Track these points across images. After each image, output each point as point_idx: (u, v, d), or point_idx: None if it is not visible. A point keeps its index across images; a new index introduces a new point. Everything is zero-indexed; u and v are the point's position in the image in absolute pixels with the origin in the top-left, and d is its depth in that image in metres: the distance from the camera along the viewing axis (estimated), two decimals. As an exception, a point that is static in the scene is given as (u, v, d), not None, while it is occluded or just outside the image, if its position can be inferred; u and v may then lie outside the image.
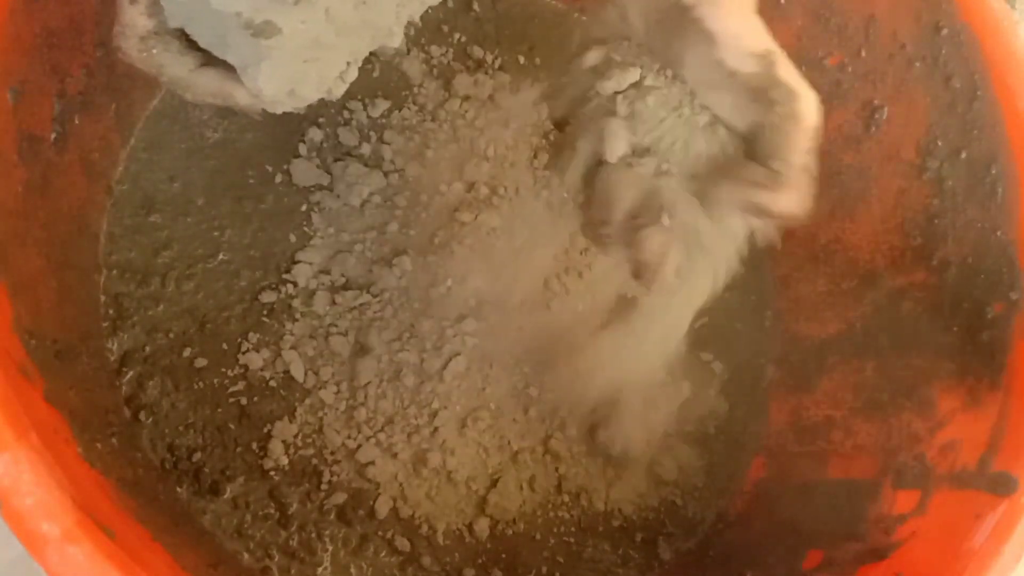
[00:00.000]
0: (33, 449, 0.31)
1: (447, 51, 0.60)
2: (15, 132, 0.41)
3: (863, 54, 0.53)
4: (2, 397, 0.32)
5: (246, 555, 0.47)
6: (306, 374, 0.50)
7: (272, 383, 0.50)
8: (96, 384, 0.46)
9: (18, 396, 0.33)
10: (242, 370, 0.50)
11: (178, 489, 0.47)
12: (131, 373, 0.48)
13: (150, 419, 0.48)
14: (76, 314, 0.47)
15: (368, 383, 0.50)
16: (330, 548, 0.48)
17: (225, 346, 0.50)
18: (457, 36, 0.60)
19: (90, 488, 0.36)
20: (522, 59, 0.61)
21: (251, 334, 0.51)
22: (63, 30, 0.43)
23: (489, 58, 0.60)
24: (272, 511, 0.48)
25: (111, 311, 0.49)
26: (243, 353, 0.50)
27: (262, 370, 0.50)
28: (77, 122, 0.46)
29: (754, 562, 0.49)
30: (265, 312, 0.51)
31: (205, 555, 0.45)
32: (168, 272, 0.51)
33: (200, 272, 0.51)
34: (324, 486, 0.49)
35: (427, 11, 0.58)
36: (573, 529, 0.52)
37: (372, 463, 0.49)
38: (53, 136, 0.44)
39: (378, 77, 0.57)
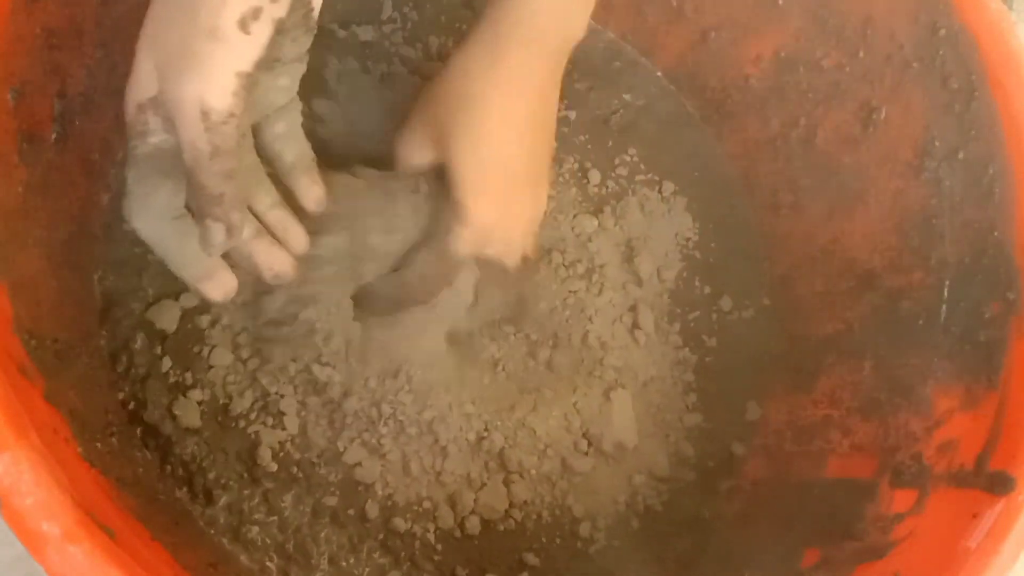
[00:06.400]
0: (33, 449, 0.31)
1: (446, 40, 0.60)
2: (15, 132, 0.41)
3: (861, 55, 0.53)
4: (2, 397, 0.32)
5: (244, 556, 0.47)
6: (286, 375, 0.49)
7: (254, 388, 0.49)
8: (96, 384, 0.46)
9: (18, 396, 0.33)
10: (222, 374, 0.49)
11: (177, 491, 0.47)
12: (130, 373, 0.48)
13: (150, 417, 0.48)
14: (76, 314, 0.47)
15: (351, 384, 0.50)
16: (325, 550, 0.48)
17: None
18: (457, 25, 0.60)
19: (90, 488, 0.36)
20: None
21: (241, 336, 0.50)
22: (63, 30, 0.43)
23: None
24: (267, 516, 0.48)
25: (110, 311, 0.49)
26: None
27: (237, 374, 0.49)
28: (77, 123, 0.46)
29: (752, 561, 0.50)
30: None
31: (205, 554, 0.45)
32: (167, 272, 0.50)
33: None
34: (315, 489, 0.48)
35: (424, 5, 0.60)
36: (567, 526, 0.52)
37: (359, 464, 0.49)
38: (53, 136, 0.44)
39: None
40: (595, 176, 0.60)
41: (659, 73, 0.64)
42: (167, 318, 0.49)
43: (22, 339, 0.37)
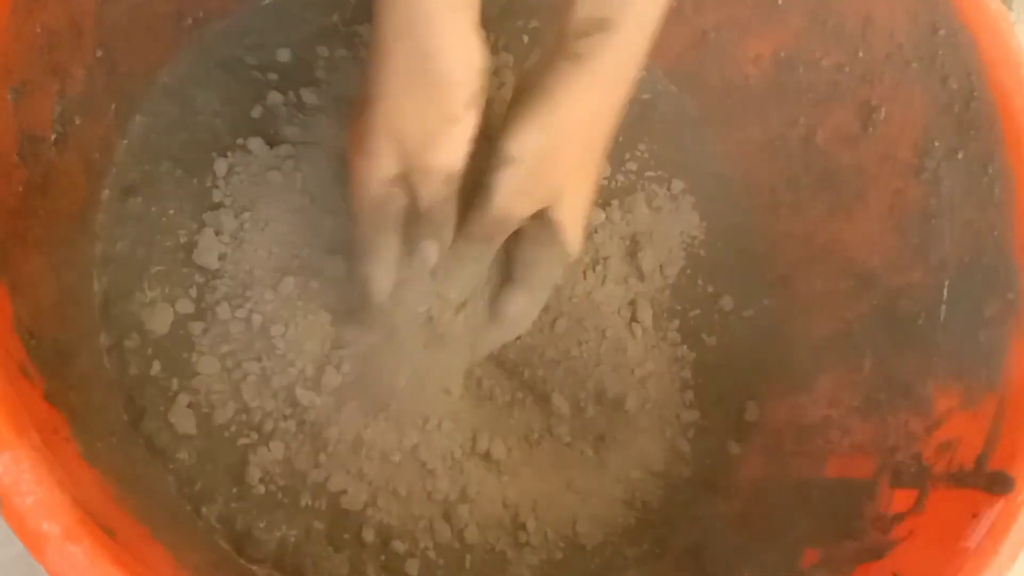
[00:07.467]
0: (34, 448, 0.32)
1: None
2: (15, 132, 0.41)
3: (860, 54, 0.53)
4: (3, 396, 0.32)
5: (243, 560, 0.47)
6: (269, 390, 0.49)
7: (235, 399, 0.48)
8: (96, 384, 0.46)
9: (19, 395, 0.33)
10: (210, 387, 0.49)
11: (174, 492, 0.47)
12: (126, 370, 0.48)
13: (143, 421, 0.48)
14: (76, 314, 0.47)
15: (325, 408, 0.49)
16: (325, 568, 0.47)
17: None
18: None
19: (90, 487, 0.36)
20: (526, 38, 0.61)
21: (230, 346, 0.49)
22: (63, 30, 0.44)
23: (492, 38, 0.60)
24: (264, 535, 0.47)
25: (109, 308, 0.49)
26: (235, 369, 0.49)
27: (221, 383, 0.49)
28: (77, 122, 0.46)
29: (752, 561, 0.50)
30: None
31: (205, 554, 0.45)
32: (169, 274, 0.50)
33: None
34: (301, 516, 0.48)
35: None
36: (564, 523, 0.52)
37: (344, 492, 0.48)
38: (53, 136, 0.44)
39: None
40: (604, 169, 0.60)
41: (659, 73, 0.64)
42: (158, 320, 0.49)
43: (22, 338, 0.37)
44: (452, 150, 0.42)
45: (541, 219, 0.45)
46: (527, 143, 0.42)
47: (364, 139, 0.43)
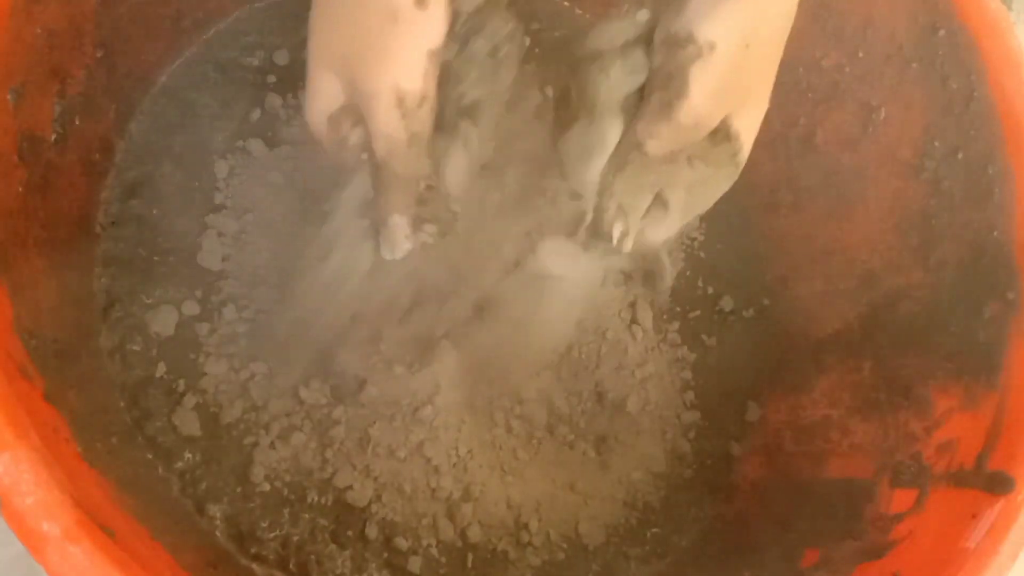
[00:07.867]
0: (33, 449, 0.32)
1: None
2: (15, 133, 0.41)
3: (860, 55, 0.53)
4: (3, 397, 0.32)
5: (252, 563, 0.47)
6: (277, 389, 0.49)
7: (244, 399, 0.49)
8: (96, 384, 0.46)
9: (18, 396, 0.33)
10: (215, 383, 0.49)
11: (175, 493, 0.47)
12: (130, 373, 0.48)
13: (148, 423, 0.48)
14: (76, 314, 0.47)
15: (334, 406, 0.49)
16: (328, 566, 0.47)
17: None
18: None
19: (90, 488, 0.36)
20: (527, 40, 0.61)
21: (236, 346, 0.49)
22: (63, 31, 0.44)
23: None
24: (267, 533, 0.47)
25: (111, 310, 0.49)
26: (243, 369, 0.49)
27: (229, 383, 0.49)
28: (77, 123, 0.46)
29: (752, 561, 0.50)
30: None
31: (205, 554, 0.45)
32: (173, 274, 0.50)
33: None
34: (307, 513, 0.48)
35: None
36: (567, 524, 0.52)
37: (350, 488, 0.48)
38: (53, 137, 0.44)
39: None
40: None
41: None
42: (163, 322, 0.49)
43: (22, 339, 0.37)
44: (399, 61, 0.33)
45: (714, 132, 0.38)
46: (727, 28, 0.34)
47: (306, 75, 0.36)
